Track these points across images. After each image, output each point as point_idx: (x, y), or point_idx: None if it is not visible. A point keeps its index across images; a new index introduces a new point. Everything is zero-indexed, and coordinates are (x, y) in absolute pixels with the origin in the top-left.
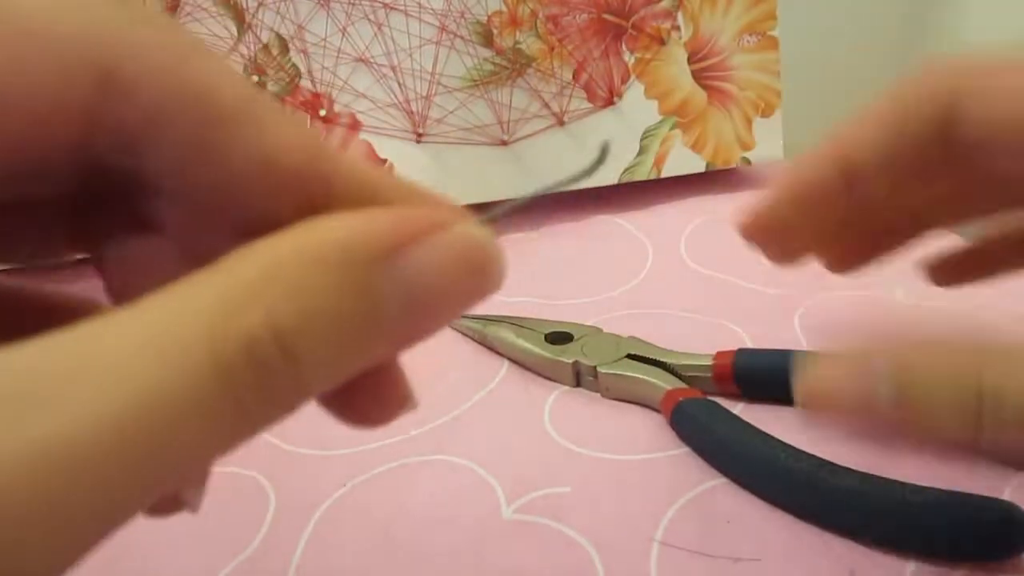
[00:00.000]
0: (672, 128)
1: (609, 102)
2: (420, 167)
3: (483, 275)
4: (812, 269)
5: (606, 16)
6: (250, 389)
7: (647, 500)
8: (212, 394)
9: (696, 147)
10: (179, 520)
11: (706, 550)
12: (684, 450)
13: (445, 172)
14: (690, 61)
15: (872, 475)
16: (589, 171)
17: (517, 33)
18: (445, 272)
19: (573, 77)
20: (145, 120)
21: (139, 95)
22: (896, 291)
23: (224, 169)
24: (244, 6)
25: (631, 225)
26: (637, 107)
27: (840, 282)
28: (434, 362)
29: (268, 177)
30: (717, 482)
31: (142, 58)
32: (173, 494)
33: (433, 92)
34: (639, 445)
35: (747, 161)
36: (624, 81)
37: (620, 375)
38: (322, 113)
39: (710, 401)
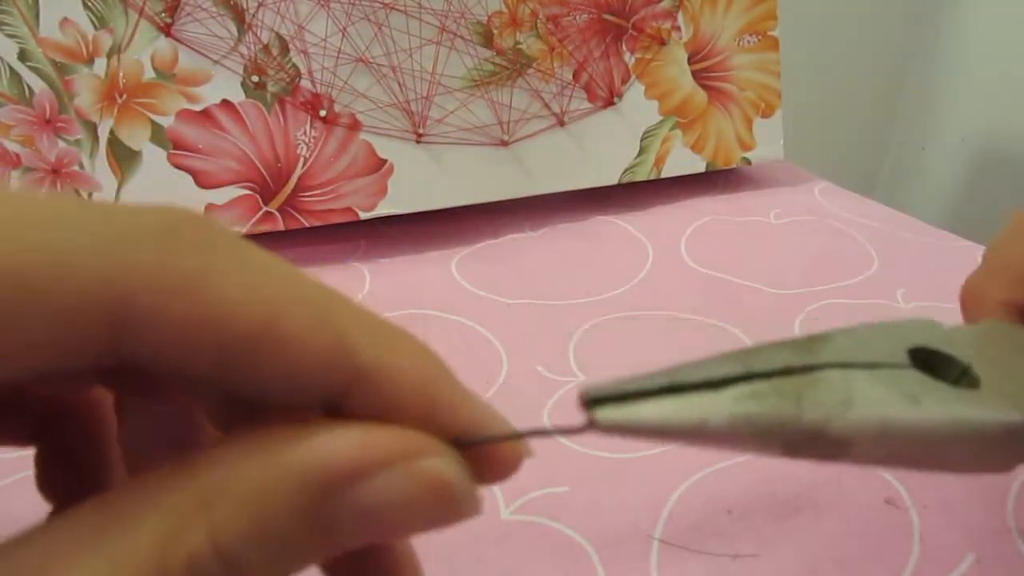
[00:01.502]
0: (672, 128)
1: (609, 102)
2: (420, 167)
3: (445, 511)
4: (813, 270)
5: (606, 16)
6: None
7: (646, 497)
8: None
9: (696, 147)
10: None
11: (706, 545)
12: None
13: (445, 172)
14: (690, 61)
15: None
16: (575, 432)
17: (517, 33)
18: (404, 505)
19: (573, 77)
20: (161, 344)
21: (153, 326)
22: (897, 294)
23: (244, 383)
24: (244, 6)
25: (631, 225)
26: (637, 107)
27: (840, 284)
28: None
29: (291, 391)
30: (718, 467)
31: (156, 288)
32: None
33: (433, 92)
34: (637, 441)
35: (747, 161)
36: (624, 81)
37: None
38: (322, 114)
39: None
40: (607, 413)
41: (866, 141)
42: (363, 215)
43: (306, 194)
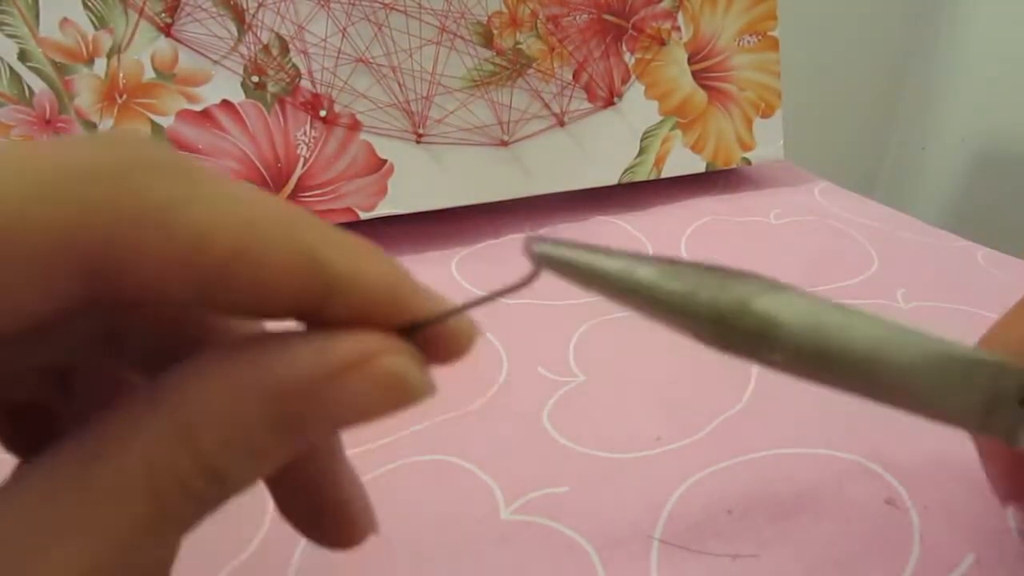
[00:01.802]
0: (672, 128)
1: (609, 102)
2: (420, 167)
3: (402, 400)
4: (813, 271)
5: (606, 17)
6: (186, 512)
7: (646, 497)
8: (155, 525)
9: (696, 147)
10: None
11: (707, 545)
12: (684, 443)
13: (445, 172)
14: (690, 61)
15: None
16: (523, 284)
17: (517, 33)
18: (365, 401)
19: (573, 77)
20: (141, 276)
21: (134, 260)
22: (897, 293)
23: (221, 303)
24: (244, 6)
25: (631, 226)
26: (637, 107)
27: (840, 284)
28: None
29: (269, 306)
30: (718, 467)
31: (132, 222)
32: None
33: (433, 92)
34: (638, 441)
35: (747, 161)
36: (624, 81)
37: None
38: (322, 114)
39: None
40: (547, 249)
41: (866, 141)
42: (363, 215)
43: (306, 194)
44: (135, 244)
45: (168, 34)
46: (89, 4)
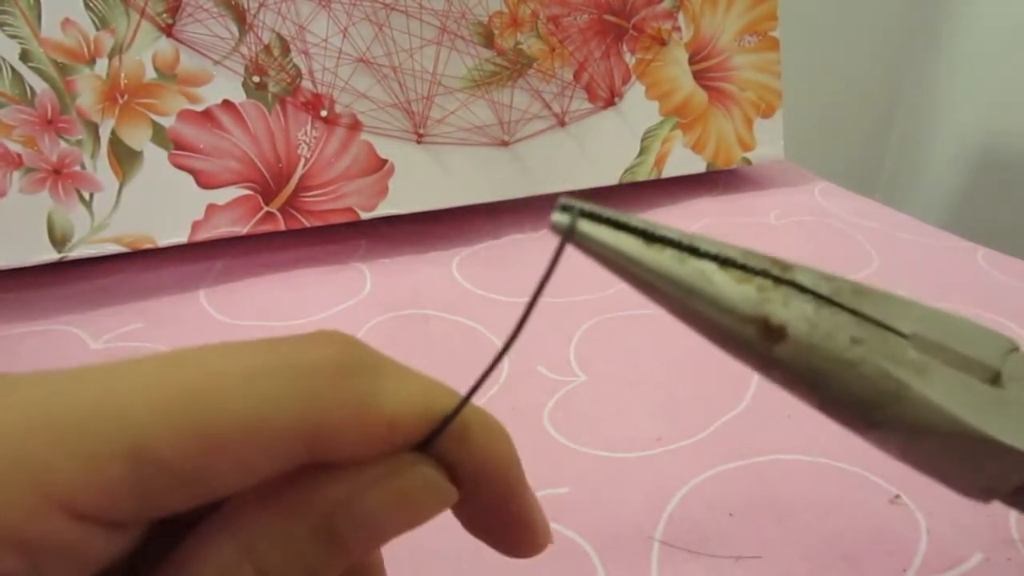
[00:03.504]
0: (673, 129)
1: (610, 103)
2: (421, 168)
3: (424, 509)
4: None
5: (607, 17)
6: None
7: (647, 498)
8: None
9: (697, 148)
10: None
11: (708, 547)
12: (685, 443)
13: (446, 173)
14: (691, 62)
15: None
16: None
17: (518, 34)
18: (391, 509)
19: (574, 78)
20: (338, 454)
21: (333, 445)
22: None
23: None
24: (245, 7)
25: None
26: (638, 108)
27: None
28: (434, 361)
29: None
30: (719, 470)
31: (338, 419)
32: None
33: (434, 92)
34: (639, 442)
35: (748, 161)
36: (625, 82)
37: None
38: (323, 114)
39: None
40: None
41: (866, 141)
42: (364, 215)
43: (307, 194)
44: (340, 429)
45: (169, 34)
46: (91, 4)
